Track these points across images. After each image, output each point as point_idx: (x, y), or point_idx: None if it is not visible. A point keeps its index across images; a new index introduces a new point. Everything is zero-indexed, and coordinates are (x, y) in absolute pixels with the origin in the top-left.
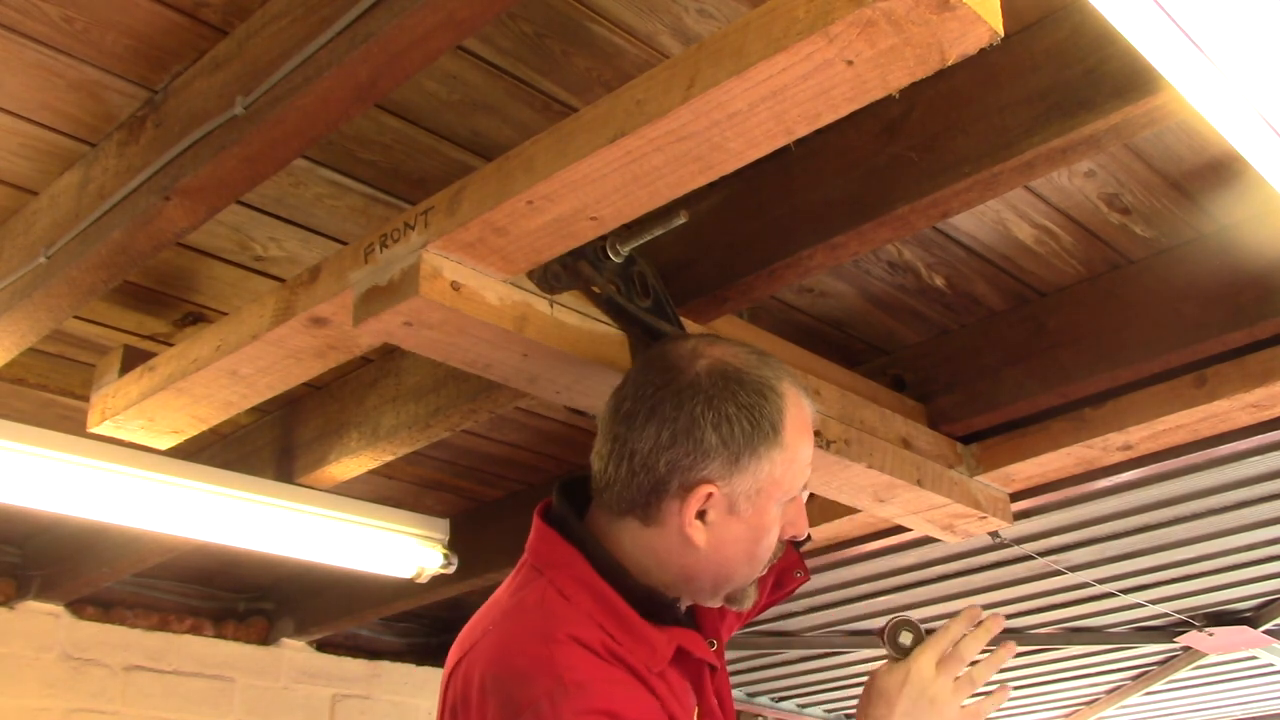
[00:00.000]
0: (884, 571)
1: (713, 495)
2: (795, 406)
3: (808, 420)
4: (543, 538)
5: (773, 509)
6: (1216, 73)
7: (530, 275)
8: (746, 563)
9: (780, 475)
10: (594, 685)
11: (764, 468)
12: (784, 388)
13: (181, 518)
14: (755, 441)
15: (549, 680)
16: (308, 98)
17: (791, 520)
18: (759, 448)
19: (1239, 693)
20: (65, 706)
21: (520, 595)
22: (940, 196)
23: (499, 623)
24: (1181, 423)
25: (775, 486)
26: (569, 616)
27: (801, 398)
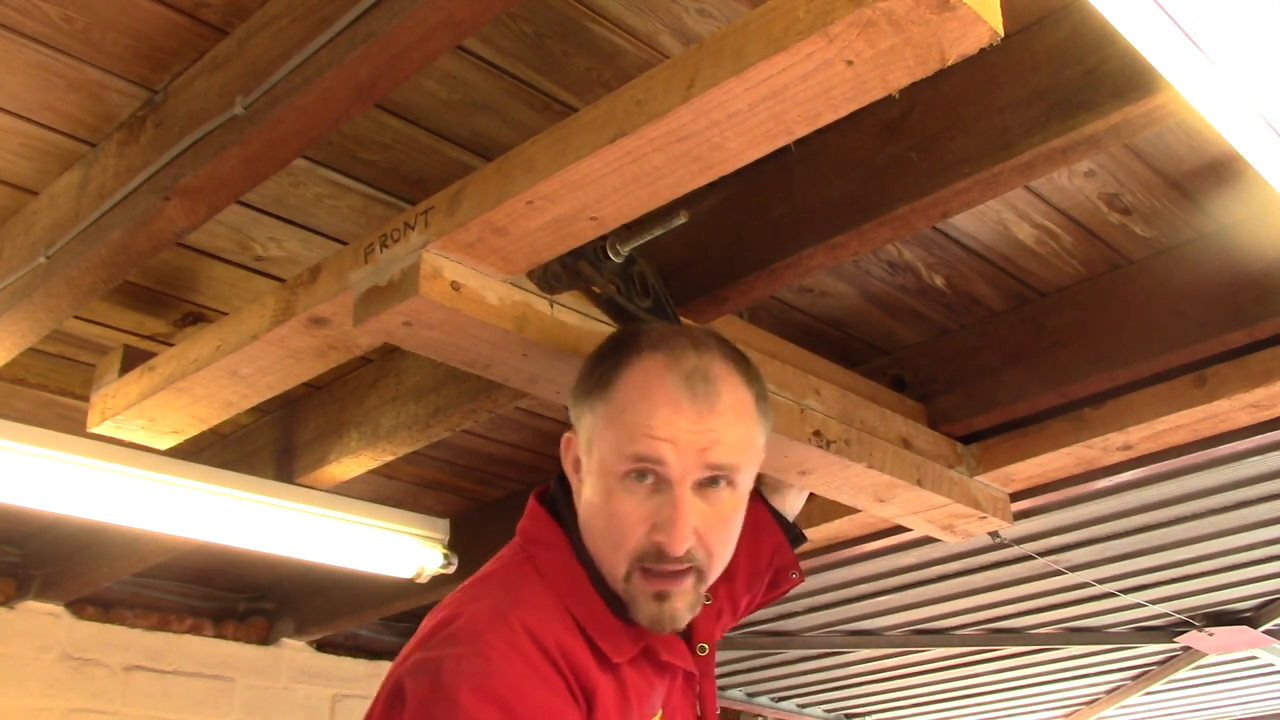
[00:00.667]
0: (884, 571)
1: (569, 440)
2: (645, 370)
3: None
4: (532, 516)
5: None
6: (1216, 73)
7: (530, 275)
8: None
9: (602, 431)
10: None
11: (589, 419)
12: (643, 351)
13: (181, 518)
14: (586, 390)
15: (467, 648)
16: (308, 98)
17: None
18: (587, 397)
19: (1239, 693)
20: (65, 706)
21: (496, 564)
22: (940, 196)
23: (467, 586)
24: (1181, 423)
25: (601, 445)
26: (533, 602)
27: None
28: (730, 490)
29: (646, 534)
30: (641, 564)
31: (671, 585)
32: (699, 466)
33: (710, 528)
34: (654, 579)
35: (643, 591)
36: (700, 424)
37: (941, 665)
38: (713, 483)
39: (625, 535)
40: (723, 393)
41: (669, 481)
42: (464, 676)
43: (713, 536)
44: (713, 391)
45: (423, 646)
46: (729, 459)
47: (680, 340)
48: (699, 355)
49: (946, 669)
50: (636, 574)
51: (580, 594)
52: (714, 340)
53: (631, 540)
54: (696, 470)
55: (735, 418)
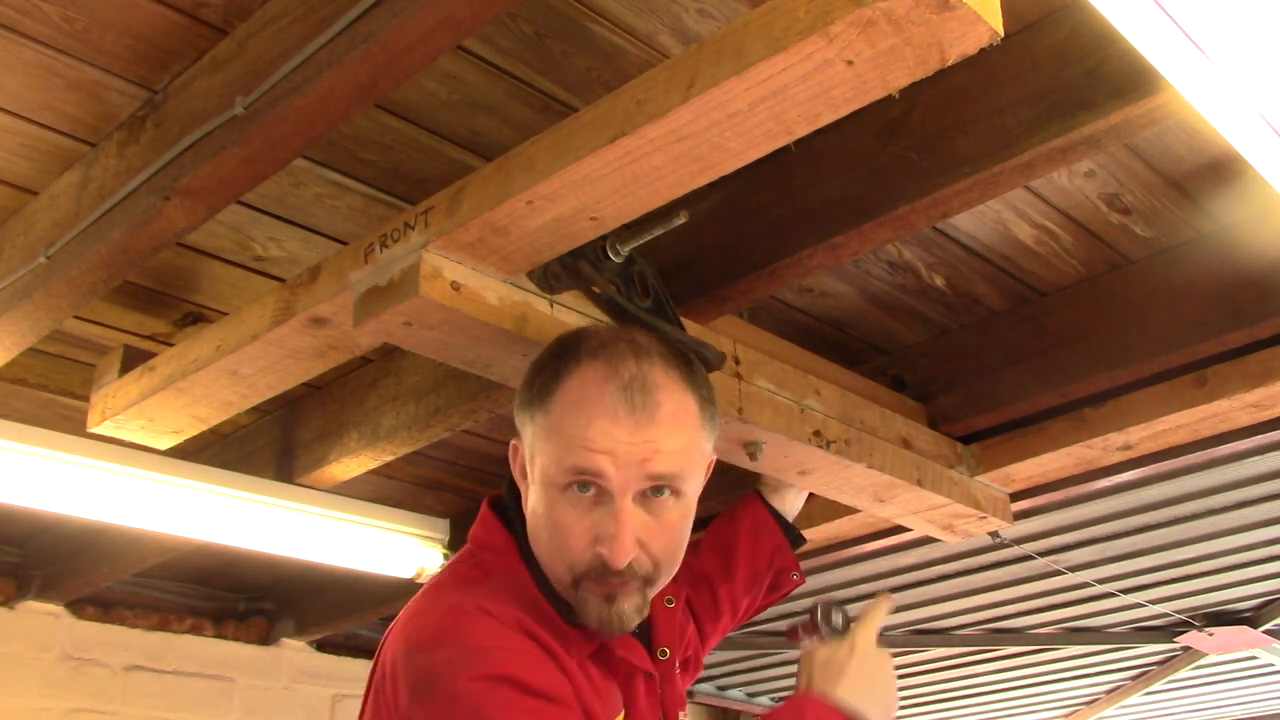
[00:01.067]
0: (884, 571)
1: (515, 448)
2: (583, 381)
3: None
4: (484, 522)
5: (550, 488)
6: (1216, 73)
7: (530, 275)
8: (551, 552)
9: (541, 444)
10: (495, 652)
11: (529, 429)
12: (584, 359)
13: (181, 518)
14: (526, 400)
15: (451, 648)
16: (308, 98)
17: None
18: (527, 408)
19: (1239, 693)
20: (65, 706)
21: (447, 574)
22: (940, 196)
23: (418, 597)
24: (1181, 423)
25: (542, 457)
26: (483, 592)
27: (606, 379)
28: (675, 499)
29: (589, 545)
30: (587, 576)
31: (618, 587)
32: (640, 478)
33: (654, 537)
34: (603, 581)
35: (591, 594)
36: (639, 435)
37: (941, 665)
38: (656, 492)
39: (569, 547)
40: (662, 402)
41: (610, 494)
42: (462, 673)
43: (657, 546)
44: (651, 401)
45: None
46: (670, 468)
47: (620, 347)
48: (638, 363)
49: (946, 669)
50: (584, 581)
51: (527, 597)
52: (657, 345)
53: (575, 551)
54: (637, 481)
55: (676, 426)
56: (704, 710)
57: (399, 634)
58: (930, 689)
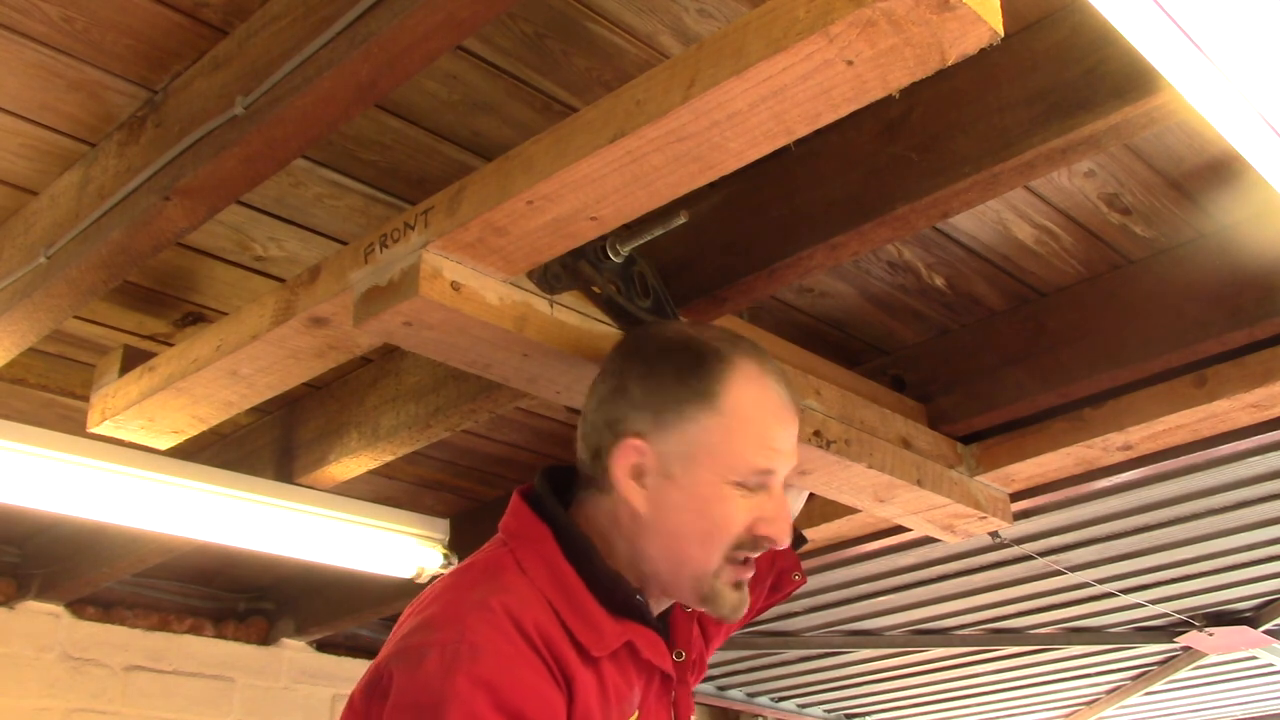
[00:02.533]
0: (884, 571)
1: (641, 449)
2: (747, 380)
3: (770, 401)
4: (515, 512)
5: (718, 485)
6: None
7: (530, 275)
8: (699, 544)
9: (717, 444)
10: (488, 655)
11: (691, 430)
12: (735, 358)
13: (181, 518)
14: (681, 399)
15: (450, 633)
16: (308, 98)
17: (765, 516)
18: (685, 407)
19: (1239, 693)
20: (65, 706)
21: (477, 557)
22: (940, 196)
23: (447, 577)
24: (1181, 423)
25: (711, 456)
26: (513, 588)
27: (764, 376)
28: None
29: (748, 529)
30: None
31: (747, 574)
32: (789, 467)
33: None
34: (739, 569)
35: (728, 582)
36: (795, 429)
37: (941, 665)
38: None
39: (729, 533)
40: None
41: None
42: (448, 663)
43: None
44: (795, 396)
45: (404, 635)
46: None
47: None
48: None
49: (946, 669)
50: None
51: (562, 586)
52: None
53: (733, 536)
54: (787, 470)
55: None
56: (704, 710)
57: (418, 604)
58: (930, 689)
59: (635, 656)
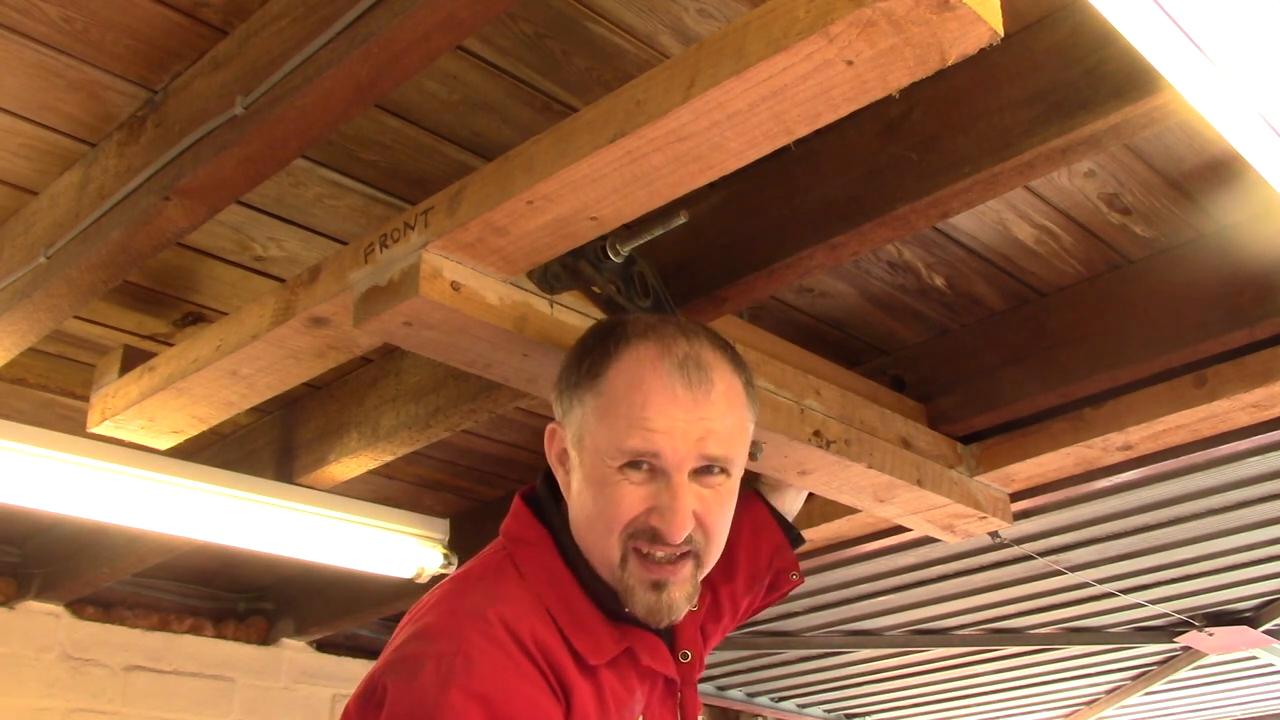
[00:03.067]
0: (884, 571)
1: (554, 433)
2: (636, 361)
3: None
4: (516, 515)
5: (603, 468)
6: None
7: (530, 275)
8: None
9: (594, 425)
10: (483, 667)
11: (578, 411)
12: (634, 340)
13: (181, 518)
14: (574, 383)
15: (446, 645)
16: (308, 98)
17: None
18: (576, 390)
19: (1239, 693)
20: (65, 706)
21: (476, 563)
22: (940, 196)
23: (445, 584)
24: (1181, 423)
25: (592, 437)
26: (511, 598)
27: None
28: (725, 477)
29: (643, 515)
30: (635, 543)
31: (669, 574)
32: (695, 456)
33: (708, 511)
34: (651, 567)
35: (640, 580)
36: (695, 413)
37: (941, 665)
38: (707, 471)
39: (620, 517)
40: (715, 381)
41: (664, 471)
42: (443, 675)
43: (711, 520)
44: (706, 379)
45: (400, 645)
46: (724, 449)
47: (668, 328)
48: (689, 343)
49: (946, 669)
50: (632, 559)
51: (560, 592)
52: (700, 328)
53: (625, 519)
54: (692, 460)
55: (728, 406)
56: (704, 710)
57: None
58: (930, 689)
59: (636, 663)
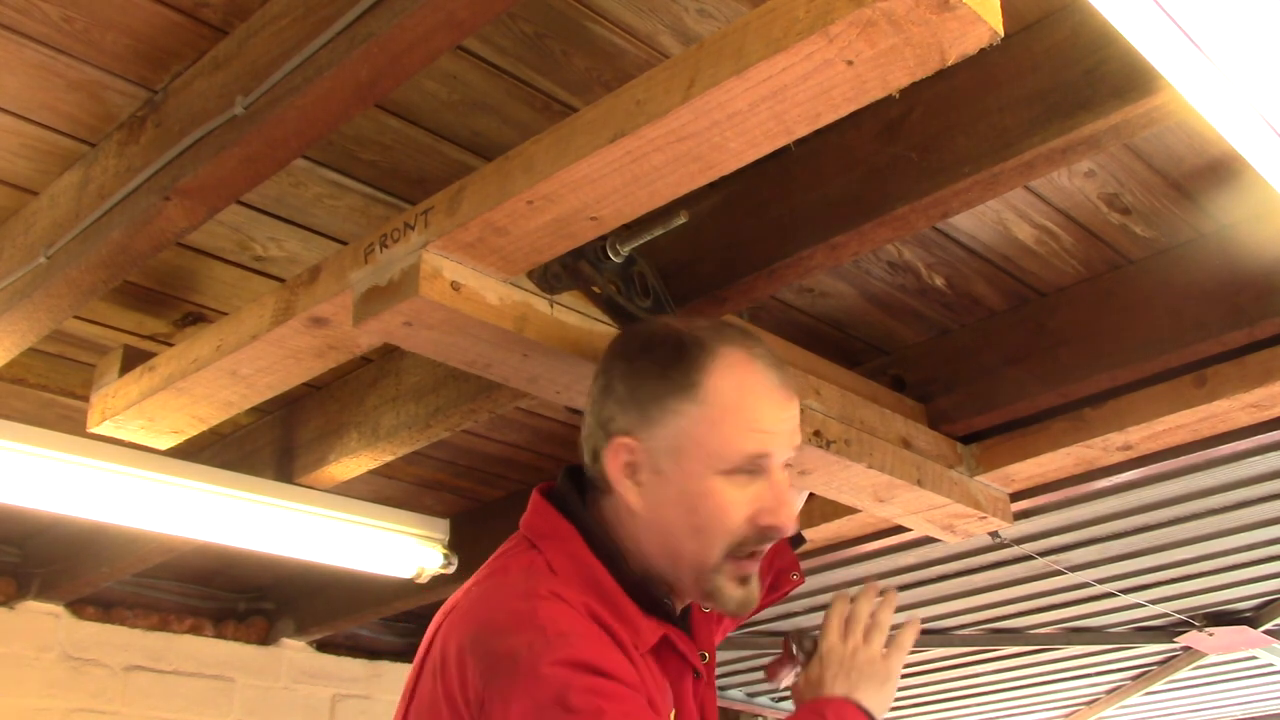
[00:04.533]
0: (884, 571)
1: (631, 447)
2: (729, 366)
3: (755, 383)
4: (539, 512)
5: (708, 477)
6: (1216, 73)
7: (530, 275)
8: (692, 536)
9: (703, 435)
10: (575, 637)
11: (676, 423)
12: (717, 346)
13: (181, 518)
14: (663, 393)
15: (531, 631)
16: (308, 98)
17: (766, 507)
18: (667, 400)
19: (1239, 693)
20: (65, 706)
21: (504, 561)
22: (940, 196)
23: (481, 584)
24: (1181, 423)
25: (698, 447)
26: (554, 581)
27: (750, 360)
28: (789, 466)
29: (750, 520)
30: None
31: (752, 568)
32: (789, 449)
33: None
34: (742, 563)
35: (731, 578)
36: (791, 410)
37: (941, 665)
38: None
39: (729, 526)
40: (790, 376)
41: (767, 470)
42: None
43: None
44: (789, 377)
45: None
46: (800, 439)
47: (733, 331)
48: (760, 343)
49: (946, 669)
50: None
51: (596, 584)
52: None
53: (735, 528)
54: (786, 454)
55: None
56: None
57: (465, 620)
58: (930, 689)
59: (668, 655)
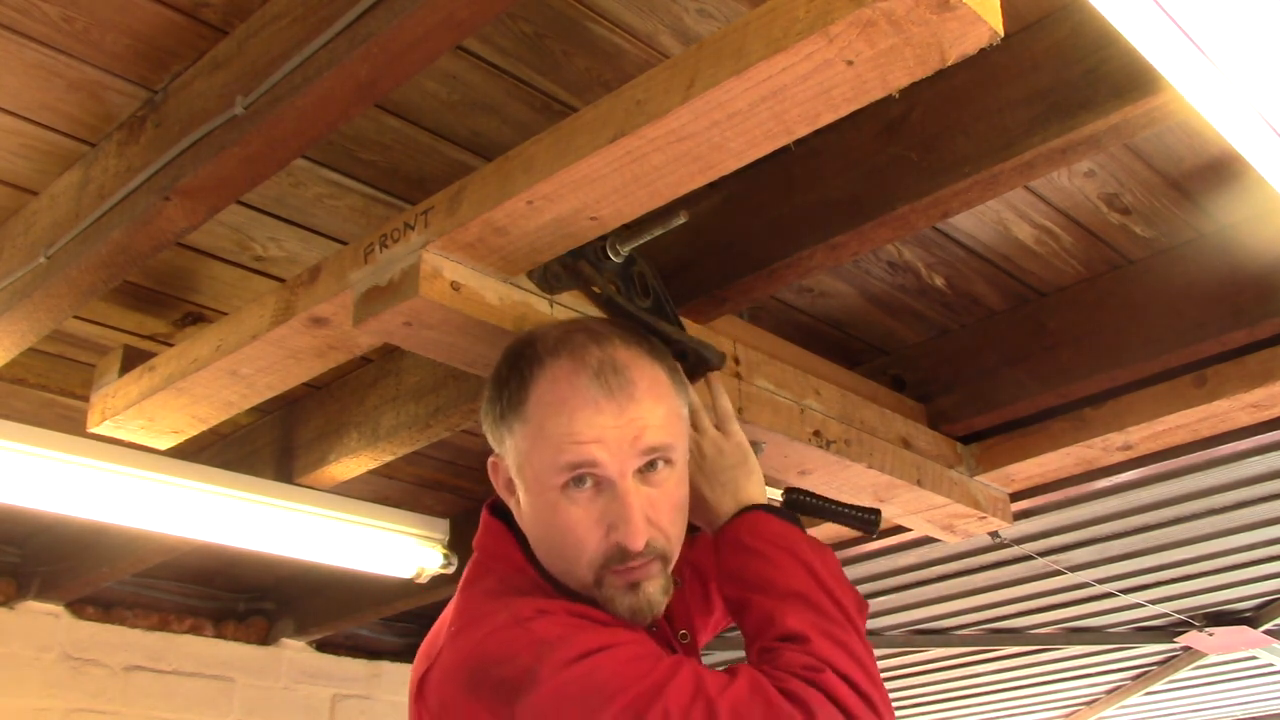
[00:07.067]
0: (884, 571)
1: (496, 465)
2: (552, 380)
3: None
4: (487, 530)
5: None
6: (1216, 73)
7: (530, 275)
8: (558, 555)
9: (529, 451)
10: (574, 633)
11: (509, 441)
12: (547, 359)
13: (181, 518)
14: (504, 413)
15: (535, 645)
16: (308, 98)
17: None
18: (506, 419)
19: (1239, 693)
20: (65, 706)
21: (470, 592)
22: (940, 196)
23: (456, 624)
24: (1181, 423)
25: (530, 464)
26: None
27: (576, 373)
28: (669, 468)
29: (604, 537)
30: (607, 568)
31: (641, 574)
32: (634, 456)
33: (660, 511)
34: (623, 571)
35: (616, 588)
36: (623, 416)
37: (941, 665)
38: (650, 467)
39: (582, 545)
40: (635, 379)
41: (609, 480)
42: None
43: (665, 519)
44: (626, 381)
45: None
46: (661, 440)
47: (577, 338)
48: (600, 348)
49: (946, 669)
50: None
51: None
52: (609, 327)
53: (590, 547)
54: (633, 460)
55: (655, 399)
56: None
57: (458, 666)
58: (930, 689)
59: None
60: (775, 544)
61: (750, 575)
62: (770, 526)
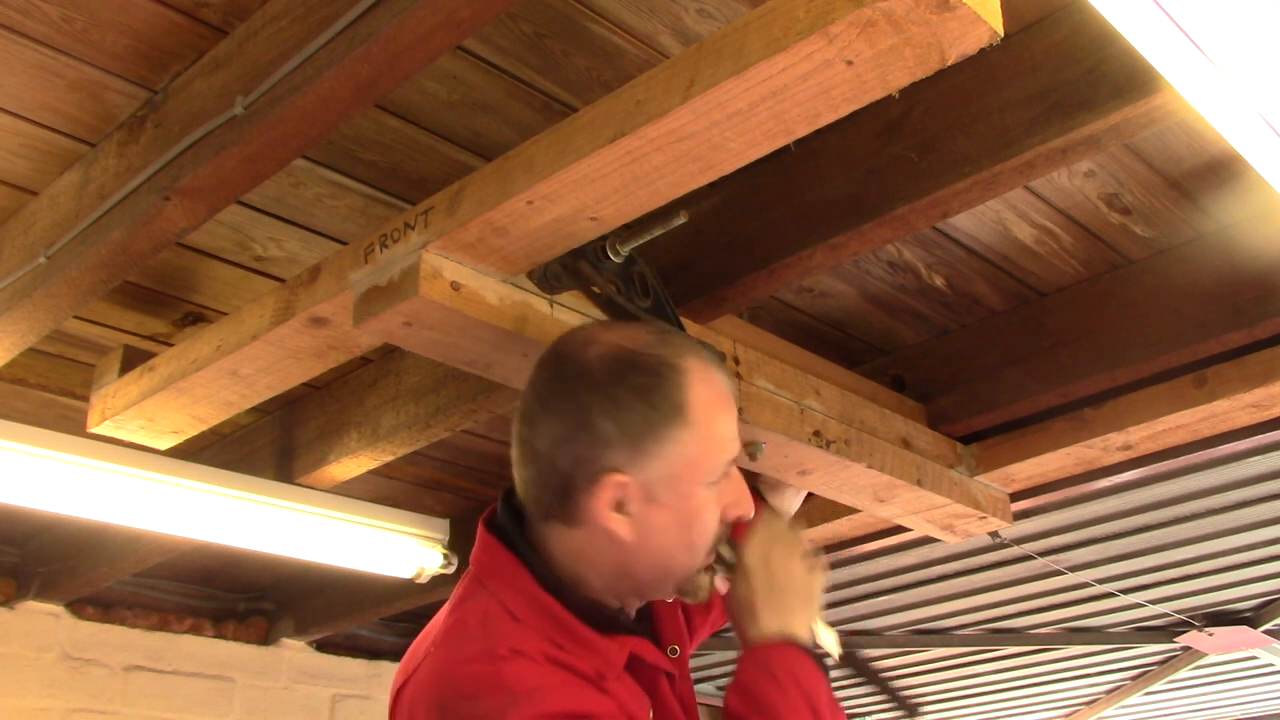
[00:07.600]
0: (884, 571)
1: (625, 484)
2: (702, 382)
3: (721, 393)
4: (485, 547)
5: (699, 492)
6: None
7: (530, 275)
8: (685, 551)
9: (695, 456)
10: (546, 690)
11: (673, 450)
12: (685, 363)
13: (181, 518)
14: (656, 425)
15: (500, 694)
16: (308, 98)
17: (733, 501)
18: (661, 430)
19: (1239, 693)
20: (65, 706)
21: (461, 611)
22: (940, 196)
23: (439, 643)
24: (1181, 423)
25: (692, 469)
26: (512, 633)
27: (711, 371)
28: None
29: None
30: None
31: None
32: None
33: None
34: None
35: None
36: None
37: (941, 665)
38: None
39: (713, 532)
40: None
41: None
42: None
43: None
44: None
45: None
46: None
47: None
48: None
49: (946, 669)
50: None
51: (554, 619)
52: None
53: (716, 533)
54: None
55: None
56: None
57: (431, 687)
58: (930, 689)
59: (639, 667)
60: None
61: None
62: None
